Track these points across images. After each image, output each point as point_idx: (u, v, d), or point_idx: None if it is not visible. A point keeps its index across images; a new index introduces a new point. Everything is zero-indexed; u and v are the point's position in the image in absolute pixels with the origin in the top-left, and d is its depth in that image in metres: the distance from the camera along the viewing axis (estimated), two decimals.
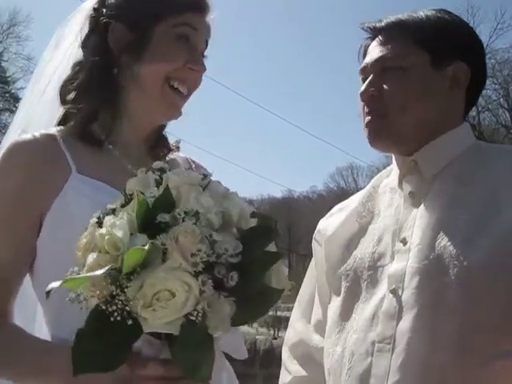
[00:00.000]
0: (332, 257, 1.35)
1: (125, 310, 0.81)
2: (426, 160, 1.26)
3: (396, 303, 1.16)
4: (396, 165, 1.33)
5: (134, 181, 0.92)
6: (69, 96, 1.22)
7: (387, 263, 1.22)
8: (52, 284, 0.85)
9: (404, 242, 1.21)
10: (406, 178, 1.28)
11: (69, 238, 0.95)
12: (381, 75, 1.27)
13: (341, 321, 1.27)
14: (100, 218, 0.89)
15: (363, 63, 1.32)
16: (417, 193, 1.25)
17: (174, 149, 1.36)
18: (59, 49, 1.31)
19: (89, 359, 0.83)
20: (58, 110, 1.26)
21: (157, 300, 0.81)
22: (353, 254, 1.30)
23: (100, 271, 0.81)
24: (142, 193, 0.87)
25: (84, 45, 1.24)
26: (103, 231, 0.85)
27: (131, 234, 0.84)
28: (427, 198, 1.23)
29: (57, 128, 1.22)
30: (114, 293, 0.81)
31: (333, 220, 1.41)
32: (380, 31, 1.30)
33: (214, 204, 0.87)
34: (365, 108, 1.29)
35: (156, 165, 0.93)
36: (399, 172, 1.31)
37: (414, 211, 1.24)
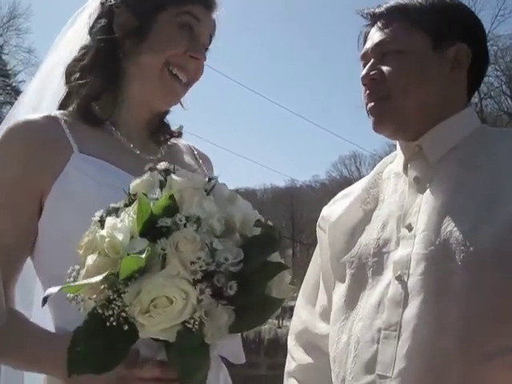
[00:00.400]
0: (336, 244, 1.34)
1: (121, 316, 0.80)
2: (431, 145, 1.25)
3: (402, 290, 1.16)
4: (400, 150, 1.33)
5: (139, 181, 0.91)
6: (74, 76, 1.24)
7: (392, 249, 1.22)
8: (49, 289, 0.85)
9: (409, 228, 1.20)
10: (411, 164, 1.28)
11: (71, 218, 0.95)
12: (381, 59, 1.26)
13: (346, 308, 1.27)
14: (102, 217, 0.88)
15: (363, 49, 1.32)
16: (422, 178, 1.25)
17: (176, 134, 1.37)
18: (67, 35, 1.33)
19: (83, 360, 0.83)
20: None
21: (154, 307, 0.80)
22: (357, 241, 1.29)
23: (97, 278, 0.80)
24: (145, 194, 0.86)
25: (91, 30, 1.26)
26: (104, 233, 0.84)
27: (132, 238, 0.83)
28: (432, 184, 1.23)
29: (59, 111, 1.23)
30: (111, 297, 0.81)
31: (337, 207, 1.40)
32: (379, 17, 1.30)
33: (217, 210, 0.86)
34: (367, 92, 1.28)
35: (161, 165, 0.92)
36: (404, 157, 1.30)
37: (419, 197, 1.23)
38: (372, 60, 1.28)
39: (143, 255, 0.79)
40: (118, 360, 0.84)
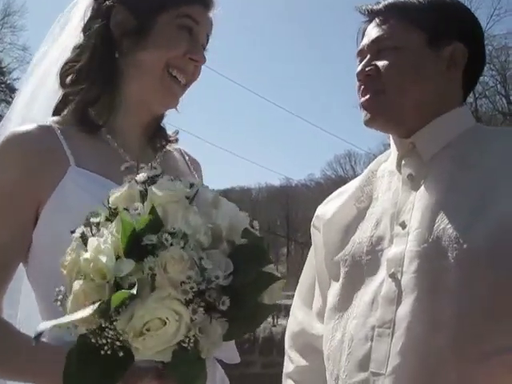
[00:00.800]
0: (330, 242, 1.34)
1: (115, 344, 0.79)
2: (425, 142, 1.26)
3: (395, 287, 1.16)
4: (394, 147, 1.33)
5: (118, 194, 0.88)
6: (68, 78, 1.22)
7: (386, 247, 1.22)
8: (41, 326, 0.82)
9: (403, 226, 1.20)
10: (405, 161, 1.28)
11: (66, 231, 0.95)
12: (377, 55, 1.26)
13: (340, 306, 1.27)
14: (84, 234, 0.86)
15: (360, 45, 1.32)
16: (415, 176, 1.25)
17: (173, 140, 1.36)
18: (63, 34, 1.30)
19: (79, 381, 0.82)
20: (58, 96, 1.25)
21: (147, 330, 0.78)
22: (351, 239, 1.29)
23: (86, 311, 0.78)
24: (127, 209, 0.84)
25: (86, 29, 1.24)
26: (87, 256, 0.82)
27: (118, 258, 0.80)
28: (426, 181, 1.23)
29: (53, 118, 1.21)
30: (103, 325, 0.79)
31: (331, 205, 1.40)
32: (377, 13, 1.30)
33: (203, 221, 0.84)
34: (361, 88, 1.28)
35: (140, 178, 0.89)
36: (397, 154, 1.30)
37: (413, 194, 1.23)
38: (368, 56, 1.28)
39: (134, 290, 0.77)
40: (115, 381, 0.83)
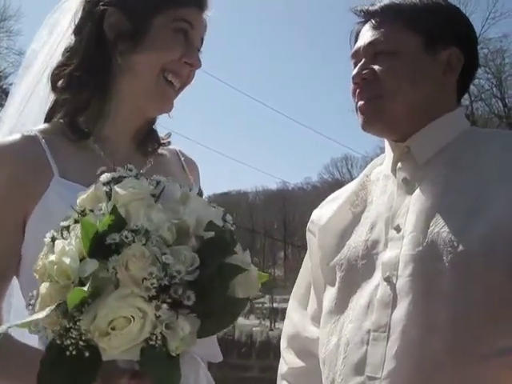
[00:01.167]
0: (326, 247, 1.34)
1: (79, 344, 0.78)
2: (420, 146, 1.26)
3: (390, 291, 1.16)
4: (389, 151, 1.33)
5: (84, 196, 0.88)
6: (60, 82, 1.20)
7: (381, 251, 1.22)
8: (3, 326, 0.84)
9: (397, 230, 1.21)
10: (400, 165, 1.28)
11: None
12: (373, 59, 1.26)
13: (336, 311, 1.27)
14: (54, 237, 0.85)
15: (355, 47, 1.31)
16: (410, 179, 1.25)
17: (165, 143, 1.34)
18: (52, 36, 1.28)
19: None
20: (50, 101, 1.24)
21: (112, 329, 0.78)
22: (346, 244, 1.29)
23: (43, 312, 0.78)
24: (92, 210, 0.84)
25: (78, 30, 1.22)
26: (53, 258, 0.81)
27: (82, 259, 0.80)
28: (421, 185, 1.23)
29: (40, 127, 1.20)
30: (67, 326, 0.78)
31: (326, 210, 1.40)
32: (373, 15, 1.29)
33: (167, 218, 0.83)
34: (357, 91, 1.28)
35: (104, 178, 0.89)
36: (392, 158, 1.30)
37: (408, 198, 1.23)
38: (363, 59, 1.27)
39: (86, 288, 0.76)
40: (89, 382, 0.82)
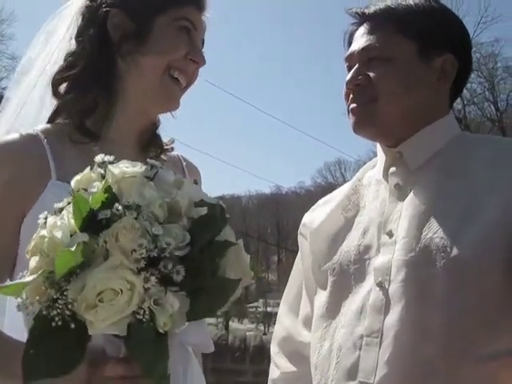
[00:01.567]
0: (317, 251, 1.34)
1: (65, 314, 0.78)
2: (412, 152, 1.25)
3: (383, 296, 1.16)
4: (381, 155, 1.32)
5: (79, 177, 0.89)
6: (62, 87, 1.20)
7: (373, 256, 1.22)
8: None
9: (390, 235, 1.20)
10: (392, 170, 1.27)
11: None
12: (367, 64, 1.25)
13: (328, 315, 1.26)
14: (47, 218, 0.86)
15: (349, 51, 1.30)
16: (402, 185, 1.25)
17: (169, 148, 1.34)
18: (49, 43, 1.28)
19: (39, 365, 0.80)
20: (50, 105, 1.23)
21: (100, 301, 0.77)
22: (339, 248, 1.29)
23: (31, 277, 0.78)
24: (86, 189, 0.85)
25: (80, 35, 1.22)
26: (44, 233, 0.82)
27: (73, 234, 0.80)
28: (413, 191, 1.22)
29: (42, 127, 1.19)
30: (55, 297, 0.78)
31: (318, 213, 1.40)
32: (368, 18, 1.28)
33: (159, 196, 0.84)
34: (350, 96, 1.27)
35: (98, 159, 0.90)
36: (384, 163, 1.30)
37: (400, 203, 1.23)
38: (357, 64, 1.26)
39: (73, 248, 0.76)
40: (76, 361, 0.81)
